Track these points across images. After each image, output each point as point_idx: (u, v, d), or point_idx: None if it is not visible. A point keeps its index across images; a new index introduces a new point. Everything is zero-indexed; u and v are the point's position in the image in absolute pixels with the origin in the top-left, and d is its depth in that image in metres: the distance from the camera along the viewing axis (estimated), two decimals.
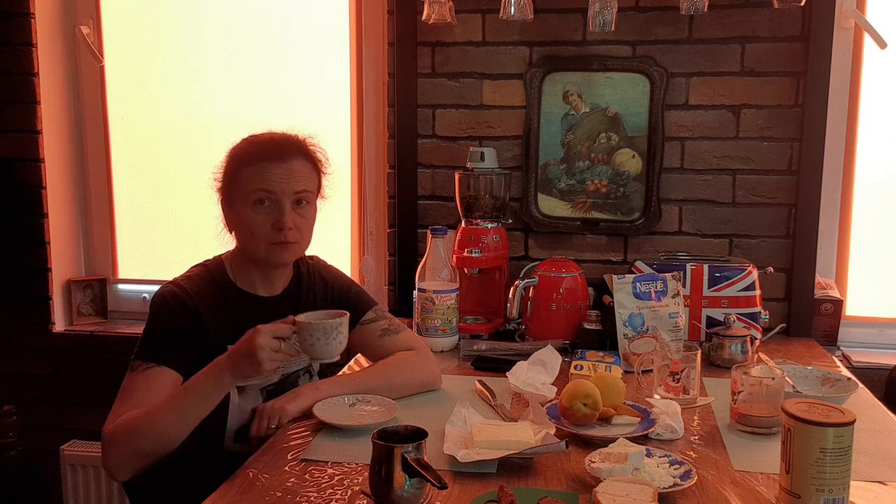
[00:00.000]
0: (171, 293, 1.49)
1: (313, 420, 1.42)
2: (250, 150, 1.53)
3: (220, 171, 1.56)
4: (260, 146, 1.53)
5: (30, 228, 2.48)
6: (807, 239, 2.14)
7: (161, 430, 1.35)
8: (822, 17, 2.05)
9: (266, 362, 1.32)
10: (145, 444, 1.36)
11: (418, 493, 1.08)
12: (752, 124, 2.16)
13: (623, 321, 1.83)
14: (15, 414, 2.48)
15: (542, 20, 2.19)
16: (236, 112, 2.50)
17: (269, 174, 1.49)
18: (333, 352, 1.40)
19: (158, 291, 1.51)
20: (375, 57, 2.38)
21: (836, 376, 1.61)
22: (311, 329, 1.37)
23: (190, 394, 1.37)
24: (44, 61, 2.45)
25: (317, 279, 1.67)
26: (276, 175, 1.49)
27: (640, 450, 1.20)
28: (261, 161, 1.49)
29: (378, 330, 1.67)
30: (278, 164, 1.50)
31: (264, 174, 1.48)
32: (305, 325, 1.37)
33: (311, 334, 1.37)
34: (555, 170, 2.25)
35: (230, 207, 1.54)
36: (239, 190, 1.50)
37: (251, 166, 1.49)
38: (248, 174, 1.49)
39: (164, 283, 1.53)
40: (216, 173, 1.57)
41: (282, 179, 1.49)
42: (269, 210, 1.49)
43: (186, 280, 1.53)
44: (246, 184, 1.49)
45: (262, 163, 1.49)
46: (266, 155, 1.50)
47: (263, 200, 1.49)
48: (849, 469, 1.07)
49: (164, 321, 1.47)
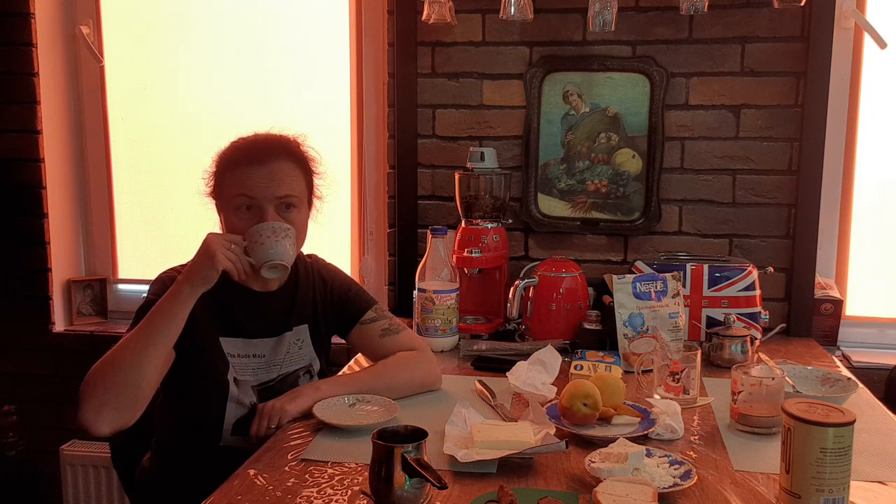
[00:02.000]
0: (168, 276, 1.50)
1: (313, 420, 1.42)
2: (233, 155, 1.51)
3: (209, 175, 1.56)
4: (241, 150, 1.51)
5: (30, 228, 2.48)
6: (807, 239, 2.14)
7: (132, 358, 1.33)
8: (822, 17, 2.05)
9: (219, 255, 1.36)
10: (118, 376, 1.32)
11: (418, 493, 1.08)
12: (752, 124, 2.16)
13: (623, 321, 1.83)
14: (15, 414, 2.48)
15: (542, 20, 2.19)
16: (236, 112, 2.50)
17: (249, 179, 1.46)
18: (284, 253, 1.43)
19: (160, 275, 1.53)
20: (375, 57, 2.38)
21: (836, 376, 1.61)
22: (259, 229, 1.42)
23: (155, 316, 1.37)
24: (44, 61, 2.45)
25: (316, 278, 1.67)
26: (257, 179, 1.46)
27: (640, 450, 1.20)
28: (241, 165, 1.48)
29: (378, 330, 1.66)
30: (259, 168, 1.47)
31: (245, 179, 1.47)
32: (254, 227, 1.43)
33: (260, 234, 1.42)
34: (555, 170, 2.25)
35: (218, 210, 1.55)
36: (224, 195, 1.50)
37: (233, 171, 1.48)
38: (231, 179, 1.48)
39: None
40: (206, 178, 1.56)
41: (262, 184, 1.46)
42: (252, 216, 1.47)
43: (177, 267, 1.53)
44: (229, 189, 1.48)
45: (243, 167, 1.47)
46: (247, 159, 1.48)
47: (247, 206, 1.47)
48: (849, 469, 1.07)
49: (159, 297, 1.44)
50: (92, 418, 1.31)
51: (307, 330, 1.62)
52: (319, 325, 1.64)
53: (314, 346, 1.63)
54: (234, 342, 1.53)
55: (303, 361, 1.61)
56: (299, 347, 1.60)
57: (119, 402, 1.32)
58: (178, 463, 1.55)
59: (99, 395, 1.32)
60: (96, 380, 1.33)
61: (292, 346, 1.59)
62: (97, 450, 2.43)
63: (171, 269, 1.53)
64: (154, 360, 1.35)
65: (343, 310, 1.67)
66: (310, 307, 1.63)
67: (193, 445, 1.52)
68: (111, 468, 2.25)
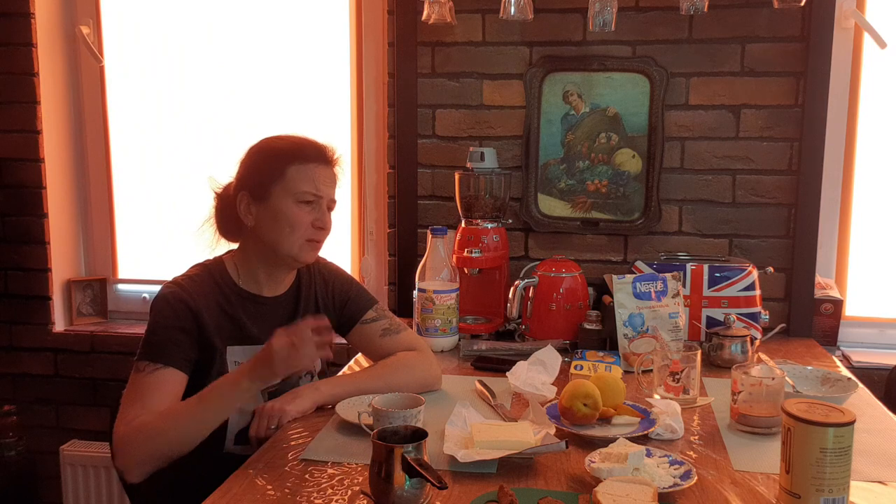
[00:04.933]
0: (172, 294, 1.48)
1: (313, 420, 1.42)
2: (300, 149, 1.54)
3: (248, 164, 1.56)
4: (311, 148, 1.55)
5: (30, 228, 2.48)
6: (807, 239, 2.14)
7: (180, 434, 1.36)
8: (822, 17, 2.06)
9: (278, 365, 1.33)
10: (162, 447, 1.36)
11: (418, 493, 1.08)
12: (752, 124, 2.16)
13: (623, 321, 1.83)
14: (15, 414, 2.48)
15: (542, 20, 2.19)
16: (236, 112, 2.50)
17: (320, 176, 1.53)
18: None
19: (160, 292, 1.50)
20: (375, 57, 2.38)
21: (836, 376, 1.61)
22: (390, 416, 1.29)
23: (211, 399, 1.37)
24: (44, 61, 2.45)
25: (317, 277, 1.67)
26: (326, 178, 1.54)
27: (640, 450, 1.20)
28: (312, 161, 1.53)
29: (379, 329, 1.67)
30: (326, 168, 1.55)
31: (316, 175, 1.52)
32: (390, 411, 1.30)
33: (392, 419, 1.30)
34: (555, 170, 2.25)
35: (261, 201, 1.52)
36: (283, 185, 1.50)
37: (303, 164, 1.52)
38: (300, 173, 1.51)
39: (165, 283, 1.52)
40: (242, 166, 1.56)
41: (328, 183, 1.55)
42: (311, 209, 1.52)
43: (187, 280, 1.52)
44: (296, 182, 1.50)
45: (313, 163, 1.53)
46: (317, 156, 1.54)
47: (310, 200, 1.52)
48: (849, 469, 1.07)
49: (169, 322, 1.46)
50: (129, 471, 1.38)
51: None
52: None
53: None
54: (243, 350, 1.53)
55: None
56: None
57: (158, 464, 1.38)
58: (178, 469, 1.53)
59: (141, 457, 1.36)
60: (140, 443, 1.36)
61: None
62: (97, 450, 2.43)
63: (170, 284, 1.51)
64: (201, 437, 1.37)
65: (344, 309, 1.67)
66: (312, 308, 1.64)
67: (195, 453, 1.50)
68: (111, 468, 2.25)
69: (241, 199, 1.53)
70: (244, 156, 1.58)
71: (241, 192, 1.53)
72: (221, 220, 1.61)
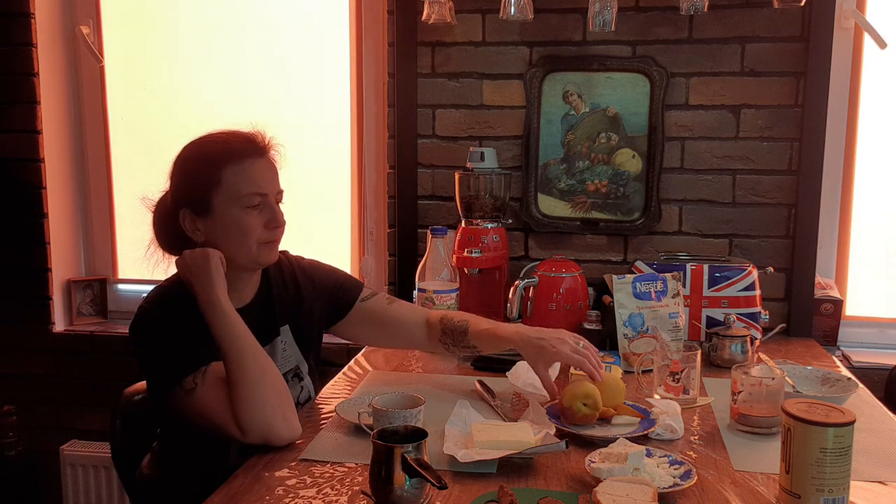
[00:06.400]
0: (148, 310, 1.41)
1: (313, 420, 1.42)
2: (229, 147, 1.41)
3: (180, 176, 1.45)
4: (240, 141, 1.43)
5: (30, 228, 2.48)
6: (807, 239, 2.14)
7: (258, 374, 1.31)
8: (822, 17, 2.05)
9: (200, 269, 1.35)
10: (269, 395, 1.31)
11: (418, 493, 1.08)
12: (752, 124, 2.16)
13: (623, 321, 1.83)
14: (15, 414, 2.49)
15: (542, 20, 2.19)
16: (236, 112, 2.50)
17: (257, 172, 1.41)
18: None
19: (138, 317, 1.41)
20: (375, 57, 2.38)
21: (836, 376, 1.61)
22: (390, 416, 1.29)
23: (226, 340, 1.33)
24: (44, 61, 2.45)
25: (288, 277, 1.59)
26: (265, 172, 1.42)
27: (640, 450, 1.20)
28: (245, 158, 1.40)
29: (383, 300, 1.67)
30: (262, 160, 1.43)
31: (253, 172, 1.40)
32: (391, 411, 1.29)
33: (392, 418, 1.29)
34: (555, 170, 2.25)
35: (205, 215, 1.41)
36: (223, 193, 1.39)
37: (237, 164, 1.39)
38: (235, 174, 1.39)
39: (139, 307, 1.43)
40: (174, 180, 1.45)
41: (269, 177, 1.43)
42: (259, 212, 1.41)
43: (155, 297, 1.45)
44: (236, 187, 1.39)
45: (248, 159, 1.40)
46: (250, 150, 1.42)
47: (257, 203, 1.40)
48: (849, 469, 1.07)
49: (169, 332, 1.37)
50: (278, 431, 1.31)
51: (289, 331, 1.56)
52: (303, 323, 1.58)
53: (299, 346, 1.58)
54: None
55: (289, 364, 1.55)
56: (284, 349, 1.55)
57: (285, 410, 1.32)
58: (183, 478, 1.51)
59: (270, 414, 1.30)
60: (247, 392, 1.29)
61: (279, 351, 1.53)
62: (97, 450, 2.44)
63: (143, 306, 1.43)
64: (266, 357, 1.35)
65: (338, 296, 1.63)
66: (287, 307, 1.56)
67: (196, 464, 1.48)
68: (111, 468, 2.25)
69: (183, 216, 1.43)
70: (172, 168, 1.46)
71: (182, 210, 1.43)
72: (166, 239, 1.52)
